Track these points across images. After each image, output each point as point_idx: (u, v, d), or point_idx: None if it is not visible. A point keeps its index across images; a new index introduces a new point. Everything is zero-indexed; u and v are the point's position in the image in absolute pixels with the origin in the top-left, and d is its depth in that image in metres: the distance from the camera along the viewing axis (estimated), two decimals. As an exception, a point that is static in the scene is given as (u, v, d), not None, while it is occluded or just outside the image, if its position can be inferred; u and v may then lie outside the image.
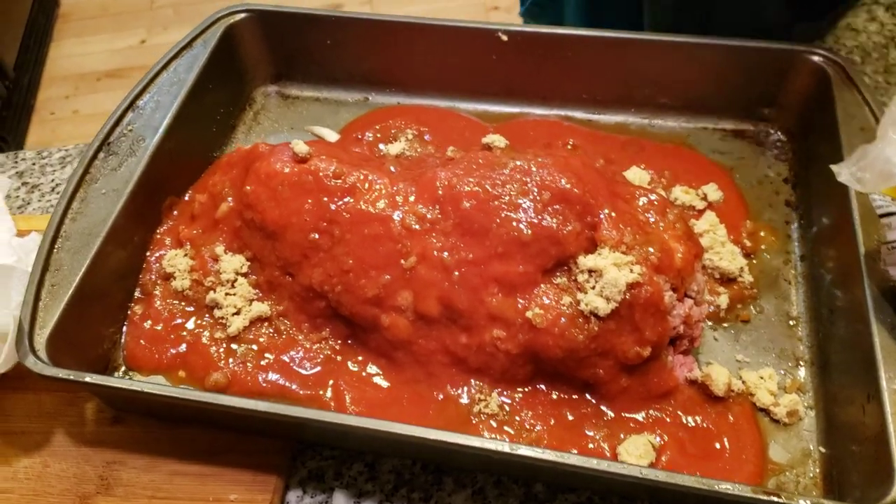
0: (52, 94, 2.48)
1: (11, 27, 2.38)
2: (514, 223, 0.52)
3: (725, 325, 0.58)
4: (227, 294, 0.57)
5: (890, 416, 0.46)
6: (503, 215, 0.52)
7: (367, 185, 0.55)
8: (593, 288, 0.50)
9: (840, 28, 0.79)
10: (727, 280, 0.59)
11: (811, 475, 0.50)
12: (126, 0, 2.74)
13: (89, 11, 2.71)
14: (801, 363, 0.55)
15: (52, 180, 0.73)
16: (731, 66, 0.66)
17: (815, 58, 0.64)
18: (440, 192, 0.54)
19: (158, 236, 0.61)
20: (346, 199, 0.55)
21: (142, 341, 0.57)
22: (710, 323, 0.58)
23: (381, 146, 0.67)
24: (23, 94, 2.43)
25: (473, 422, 0.52)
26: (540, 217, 0.52)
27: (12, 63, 2.34)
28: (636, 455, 0.49)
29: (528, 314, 0.51)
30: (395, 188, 0.55)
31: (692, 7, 0.73)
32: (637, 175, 0.64)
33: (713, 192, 0.64)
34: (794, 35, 0.73)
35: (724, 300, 0.58)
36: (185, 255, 0.60)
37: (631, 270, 0.50)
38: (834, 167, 0.50)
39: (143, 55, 2.56)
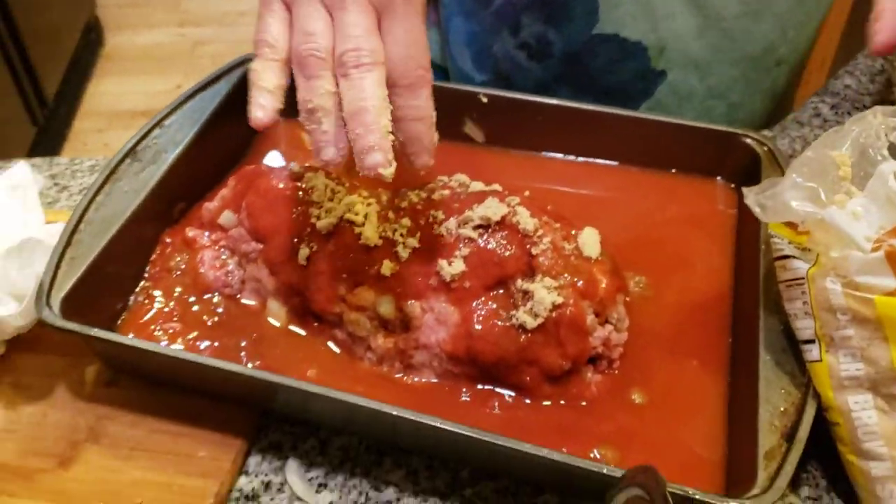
0: (86, 127, 2.60)
1: (57, 61, 2.52)
2: (466, 247, 0.61)
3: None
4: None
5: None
6: (459, 237, 0.62)
7: (349, 201, 0.65)
8: (524, 305, 0.59)
9: (788, 120, 0.89)
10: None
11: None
12: (168, 47, 2.88)
13: (132, 53, 2.85)
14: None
15: (81, 184, 0.83)
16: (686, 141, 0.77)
17: (748, 140, 0.74)
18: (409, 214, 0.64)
19: (168, 234, 0.71)
20: (328, 212, 0.64)
21: (140, 320, 0.66)
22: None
23: None
24: (59, 123, 2.56)
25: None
26: (486, 242, 0.61)
27: (53, 93, 2.48)
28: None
29: (470, 324, 0.60)
30: (371, 205, 0.64)
31: None
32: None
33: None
34: None
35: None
36: (187, 254, 0.70)
37: (558, 294, 0.59)
38: (745, 189, 0.59)
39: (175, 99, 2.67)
